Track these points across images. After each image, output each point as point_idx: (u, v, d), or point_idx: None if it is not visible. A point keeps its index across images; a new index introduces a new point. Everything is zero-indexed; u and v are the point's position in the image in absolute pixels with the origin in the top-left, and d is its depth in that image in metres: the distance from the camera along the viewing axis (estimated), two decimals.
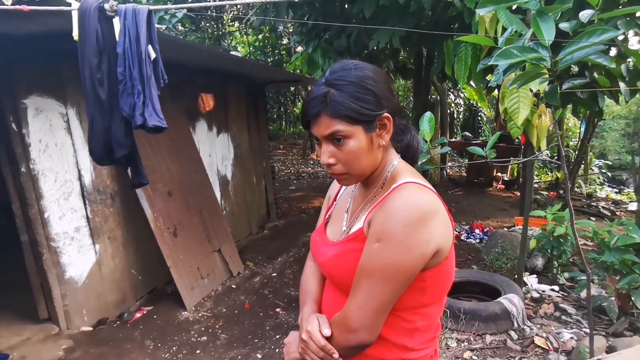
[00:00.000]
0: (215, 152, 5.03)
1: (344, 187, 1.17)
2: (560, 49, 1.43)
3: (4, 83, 2.84)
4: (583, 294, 3.24)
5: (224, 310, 3.75)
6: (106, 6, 2.00)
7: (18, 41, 2.71)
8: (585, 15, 1.58)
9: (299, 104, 15.85)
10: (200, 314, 3.66)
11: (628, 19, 2.25)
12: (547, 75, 1.58)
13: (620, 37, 2.76)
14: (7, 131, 2.90)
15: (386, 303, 0.88)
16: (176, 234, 3.82)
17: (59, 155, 3.14)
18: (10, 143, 2.91)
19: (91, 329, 3.34)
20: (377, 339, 0.92)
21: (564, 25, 1.64)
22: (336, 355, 0.92)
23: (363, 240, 0.92)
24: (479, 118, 12.74)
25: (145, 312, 3.67)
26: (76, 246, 3.27)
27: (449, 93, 12.05)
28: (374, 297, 0.87)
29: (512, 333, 2.99)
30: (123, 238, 3.67)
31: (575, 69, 3.01)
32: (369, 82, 0.90)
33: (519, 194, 7.37)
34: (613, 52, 2.82)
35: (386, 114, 0.92)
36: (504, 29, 1.95)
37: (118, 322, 3.49)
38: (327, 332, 0.94)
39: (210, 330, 3.41)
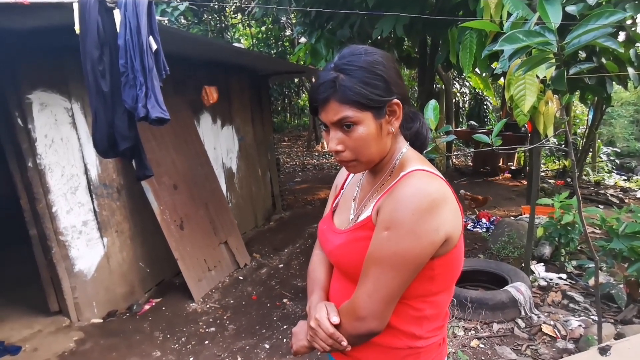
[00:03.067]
0: (220, 144, 5.03)
1: (351, 176, 1.16)
2: (567, 33, 1.40)
3: (8, 78, 2.85)
4: (591, 281, 3.22)
5: (232, 301, 3.78)
6: None
7: (21, 36, 2.72)
8: None
9: (303, 95, 15.80)
10: (208, 306, 3.69)
11: (637, 2, 2.20)
12: (553, 61, 1.55)
13: (629, 21, 2.71)
14: (13, 127, 2.92)
15: (395, 291, 0.88)
16: (183, 227, 3.84)
17: (65, 149, 3.16)
18: (17, 138, 2.93)
19: (101, 321, 3.38)
20: (386, 327, 0.92)
21: (571, 9, 1.61)
22: (345, 342, 0.92)
23: (371, 228, 0.91)
24: (485, 107, 12.63)
25: (153, 304, 3.70)
26: (84, 240, 3.30)
27: (454, 82, 11.94)
28: (383, 286, 0.87)
29: (520, 321, 2.98)
30: (130, 231, 3.70)
31: (582, 54, 2.96)
32: (378, 68, 0.88)
33: (525, 182, 7.32)
34: (621, 36, 2.76)
35: (396, 100, 0.90)
36: (510, 15, 1.92)
37: (127, 314, 3.53)
38: (336, 319, 0.94)
39: (218, 322, 3.44)
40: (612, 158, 9.51)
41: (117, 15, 2.01)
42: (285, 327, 3.30)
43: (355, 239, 0.96)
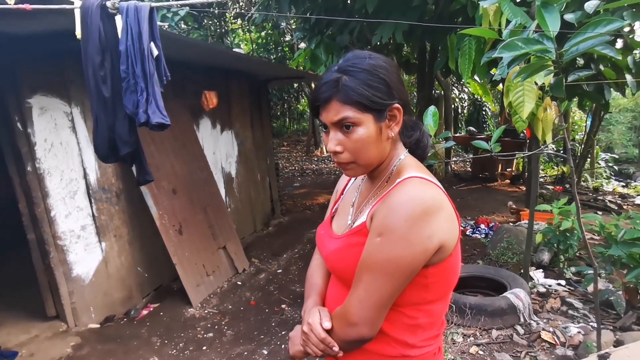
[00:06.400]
0: (219, 149, 5.03)
1: (351, 181, 1.16)
2: (565, 41, 1.41)
3: (8, 83, 2.85)
4: (590, 288, 3.22)
5: (230, 306, 3.77)
6: (108, 4, 2.01)
7: (22, 41, 2.73)
8: (590, 5, 1.56)
9: (303, 100, 15.83)
10: (206, 311, 3.68)
11: (634, 10, 2.22)
12: (552, 68, 1.56)
13: (626, 29, 2.72)
14: (12, 131, 2.92)
15: (387, 298, 0.88)
16: (181, 232, 3.83)
17: (64, 154, 3.16)
18: (16, 142, 2.93)
19: (98, 326, 3.36)
20: (378, 334, 0.92)
21: (569, 17, 1.62)
22: (336, 348, 0.92)
23: (366, 234, 0.91)
24: (484, 113, 12.66)
25: (151, 309, 3.69)
26: (82, 244, 3.29)
27: (453, 88, 11.98)
28: (375, 292, 0.87)
29: (519, 328, 2.97)
30: (129, 236, 3.69)
31: (580, 61, 2.98)
32: (381, 71, 0.89)
33: (524, 188, 7.33)
34: (619, 44, 2.78)
35: (397, 105, 0.91)
36: (508, 22, 1.93)
37: (125, 319, 3.51)
38: (328, 325, 0.94)
39: (216, 327, 3.43)
40: (610, 164, 9.53)
41: (119, 21, 2.02)
42: (283, 332, 3.29)
43: (350, 244, 0.96)
